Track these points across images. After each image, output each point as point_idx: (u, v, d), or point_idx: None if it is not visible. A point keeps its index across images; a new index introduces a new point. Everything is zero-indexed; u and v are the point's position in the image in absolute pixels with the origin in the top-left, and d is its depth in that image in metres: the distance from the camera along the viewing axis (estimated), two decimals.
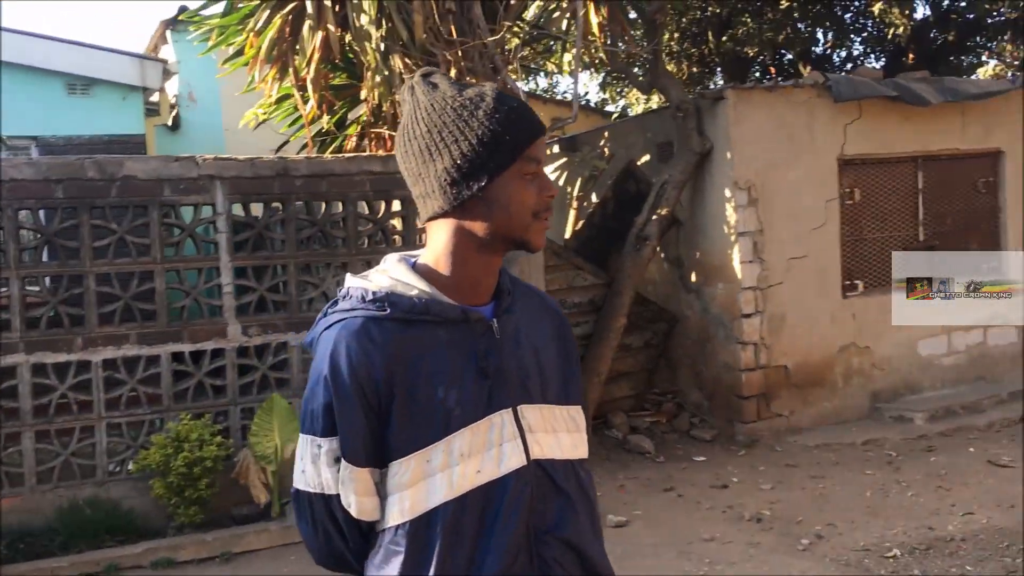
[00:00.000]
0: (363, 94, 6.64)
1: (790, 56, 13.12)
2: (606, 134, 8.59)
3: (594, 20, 7.14)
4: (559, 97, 13.13)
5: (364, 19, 6.39)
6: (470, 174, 1.47)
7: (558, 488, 1.56)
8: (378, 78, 6.46)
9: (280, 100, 7.57)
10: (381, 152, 6.51)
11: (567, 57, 10.26)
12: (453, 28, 6.50)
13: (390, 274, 1.55)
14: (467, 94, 1.50)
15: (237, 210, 5.56)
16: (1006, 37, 11.88)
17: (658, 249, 7.35)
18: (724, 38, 11.55)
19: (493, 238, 1.51)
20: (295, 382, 5.63)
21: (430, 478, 1.47)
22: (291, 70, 6.92)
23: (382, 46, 6.31)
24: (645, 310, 7.28)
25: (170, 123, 9.89)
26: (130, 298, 5.25)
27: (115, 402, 5.27)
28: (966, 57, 13.00)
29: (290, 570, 4.88)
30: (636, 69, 9.02)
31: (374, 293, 1.52)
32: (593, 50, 9.43)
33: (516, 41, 7.41)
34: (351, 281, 1.59)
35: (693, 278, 7.45)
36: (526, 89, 7.14)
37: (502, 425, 1.52)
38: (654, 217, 7.01)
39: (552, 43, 9.45)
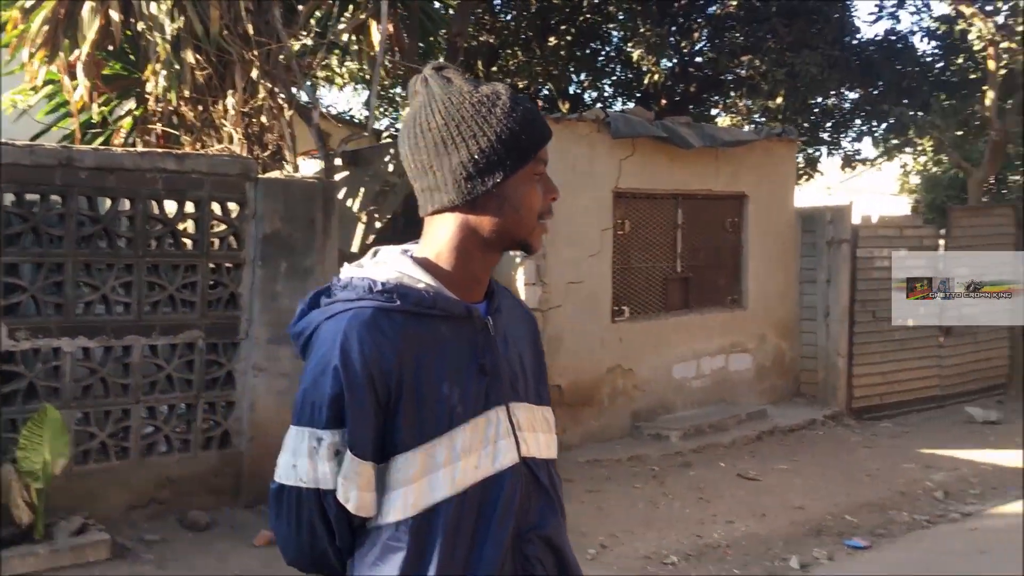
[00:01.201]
0: (148, 87, 6.23)
1: (545, 91, 13.81)
2: (392, 151, 8.59)
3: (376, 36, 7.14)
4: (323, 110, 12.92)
5: (155, 8, 6.03)
6: (487, 170, 1.48)
7: (541, 486, 1.59)
8: (166, 71, 6.11)
9: (44, 85, 6.93)
10: (176, 149, 6.14)
11: (339, 69, 10.19)
12: (250, 27, 6.29)
13: (395, 266, 1.51)
14: (483, 90, 1.51)
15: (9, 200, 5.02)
16: (740, 93, 13.18)
17: None
18: (494, 68, 11.94)
19: (499, 236, 1.52)
20: (67, 392, 5.15)
21: (433, 473, 1.46)
22: (61, 54, 6.38)
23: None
24: None
25: None
26: None
27: None
28: (703, 108, 14.30)
29: None
30: None
31: (383, 284, 1.48)
32: (365, 66, 9.43)
33: (309, 44, 7.29)
34: (351, 271, 1.54)
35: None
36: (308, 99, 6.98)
37: (497, 422, 1.53)
38: None
39: (328, 56, 9.35)
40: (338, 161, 8.34)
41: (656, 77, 11.36)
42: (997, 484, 7.10)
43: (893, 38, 12.17)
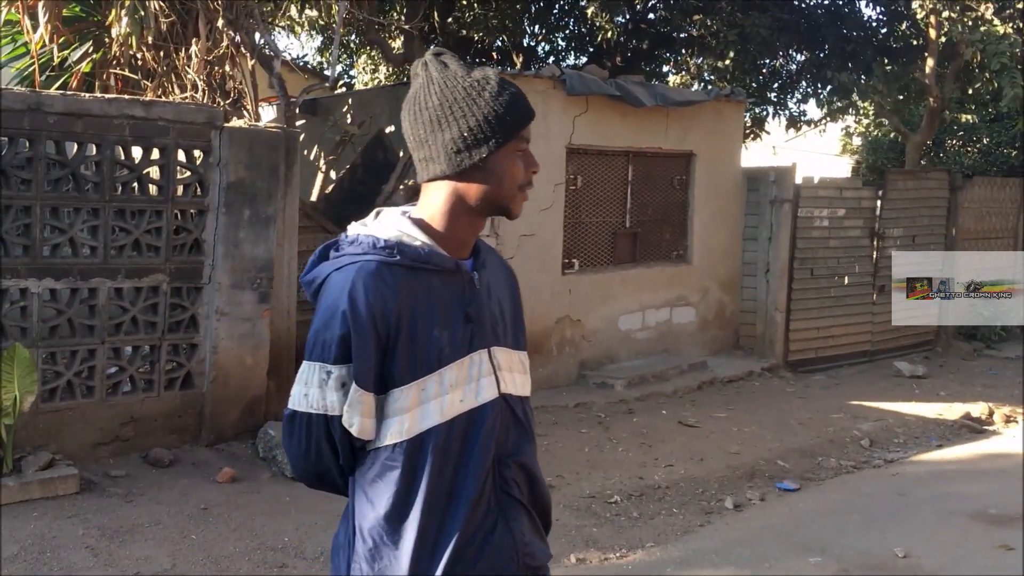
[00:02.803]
0: (114, 32, 6.26)
1: (499, 44, 13.88)
2: (350, 101, 8.70)
3: None
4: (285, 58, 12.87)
5: None
6: (474, 145, 1.71)
7: (517, 419, 1.84)
8: (130, 17, 6.15)
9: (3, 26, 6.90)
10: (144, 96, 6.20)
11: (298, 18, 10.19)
12: None
13: (396, 226, 1.74)
14: (474, 75, 1.73)
15: None
16: (691, 52, 13.40)
17: None
18: (449, 19, 11.99)
19: (484, 203, 1.76)
20: (34, 331, 5.28)
21: (424, 404, 1.70)
22: None
23: None
24: None
25: None
26: None
27: None
28: (655, 65, 14.50)
29: (35, 527, 4.63)
30: (392, 41, 9.19)
31: (385, 241, 1.71)
32: (324, 14, 9.47)
33: None
34: (357, 228, 1.76)
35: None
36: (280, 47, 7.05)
37: (480, 363, 1.78)
38: (401, 187, 7.28)
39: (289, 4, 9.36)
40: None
41: (610, 34, 11.52)
42: (919, 434, 7.59)
43: (840, 3, 12.47)
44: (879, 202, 10.43)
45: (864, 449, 7.10)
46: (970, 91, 12.89)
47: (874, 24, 12.56)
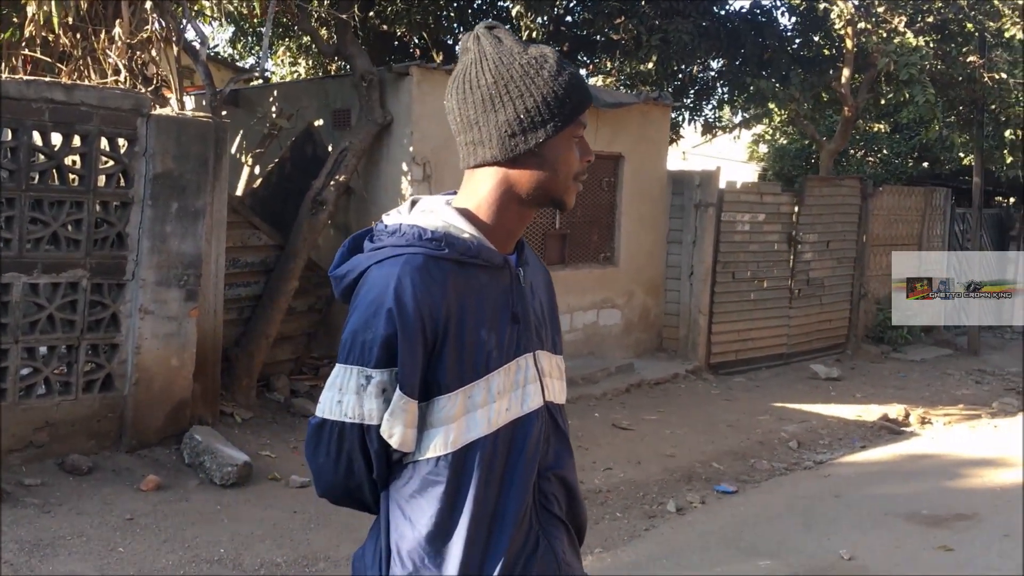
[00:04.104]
0: (30, 10, 5.86)
1: (417, 40, 13.67)
2: (275, 93, 8.39)
3: None
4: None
5: None
6: (531, 128, 1.57)
7: (559, 429, 1.71)
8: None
9: None
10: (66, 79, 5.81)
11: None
12: None
13: (442, 216, 1.58)
14: (532, 52, 1.59)
15: None
16: (611, 55, 13.44)
17: None
18: (371, 13, 11.72)
19: (536, 193, 1.62)
20: None
21: (471, 413, 1.55)
22: None
23: None
24: (312, 274, 7.27)
25: None
26: None
27: None
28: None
29: None
30: (324, 33, 8.90)
31: (432, 232, 1.55)
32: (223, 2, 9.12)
33: None
34: (398, 218, 1.60)
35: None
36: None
37: (526, 368, 1.63)
38: (332, 183, 7.04)
39: None
40: None
41: (534, 35, 11.45)
42: (843, 435, 7.74)
43: (758, 11, 12.70)
44: (797, 208, 10.64)
45: (793, 451, 7.19)
46: (882, 101, 13.29)
47: (790, 33, 12.83)
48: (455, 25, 13.90)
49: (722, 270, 9.91)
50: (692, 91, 14.23)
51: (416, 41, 13.59)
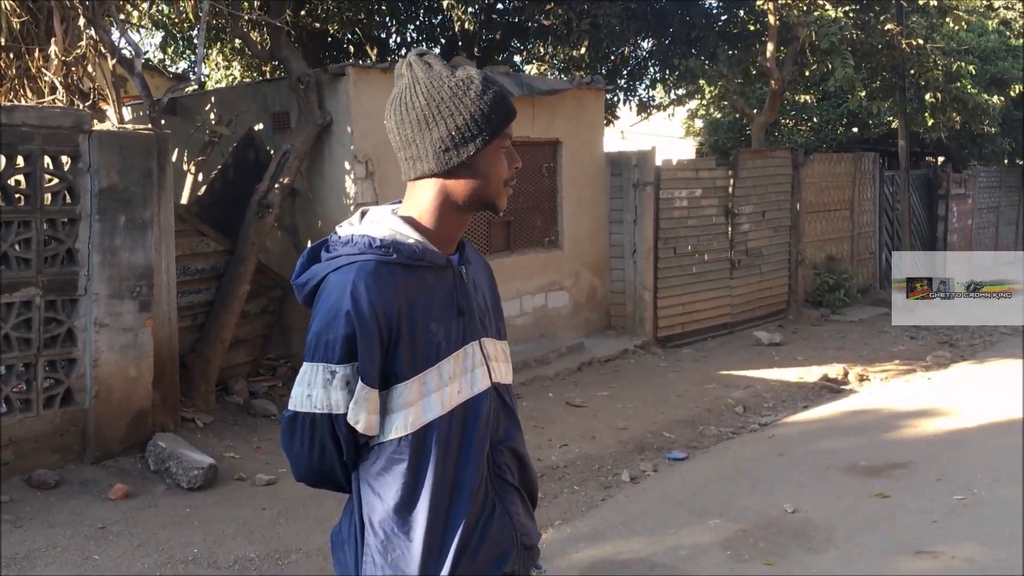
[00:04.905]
0: None
1: (350, 36, 13.72)
2: (213, 100, 8.45)
3: None
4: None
5: None
6: (461, 143, 1.77)
7: (507, 406, 1.92)
8: None
9: None
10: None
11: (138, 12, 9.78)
12: None
13: (389, 225, 1.78)
14: (459, 75, 1.79)
15: None
16: (543, 41, 13.65)
17: None
18: (303, 12, 11.77)
19: (471, 200, 1.82)
20: None
21: (426, 397, 1.76)
22: None
23: None
24: (263, 277, 7.39)
25: None
26: None
27: None
28: (507, 55, 14.69)
29: None
30: (256, 36, 8.96)
31: (381, 240, 1.74)
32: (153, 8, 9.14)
33: None
34: (350, 229, 1.79)
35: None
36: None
37: (473, 354, 1.84)
38: (276, 186, 7.15)
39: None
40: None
41: (467, 25, 11.61)
42: (786, 397, 8.08)
43: None
44: (732, 181, 10.97)
45: (739, 415, 7.50)
46: (807, 73, 13.68)
47: (715, 11, 13.14)
48: (387, 20, 13.99)
49: (664, 246, 10.20)
50: (625, 72, 14.50)
51: (349, 38, 13.67)
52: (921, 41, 11.86)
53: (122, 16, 7.15)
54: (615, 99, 14.57)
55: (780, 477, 5.79)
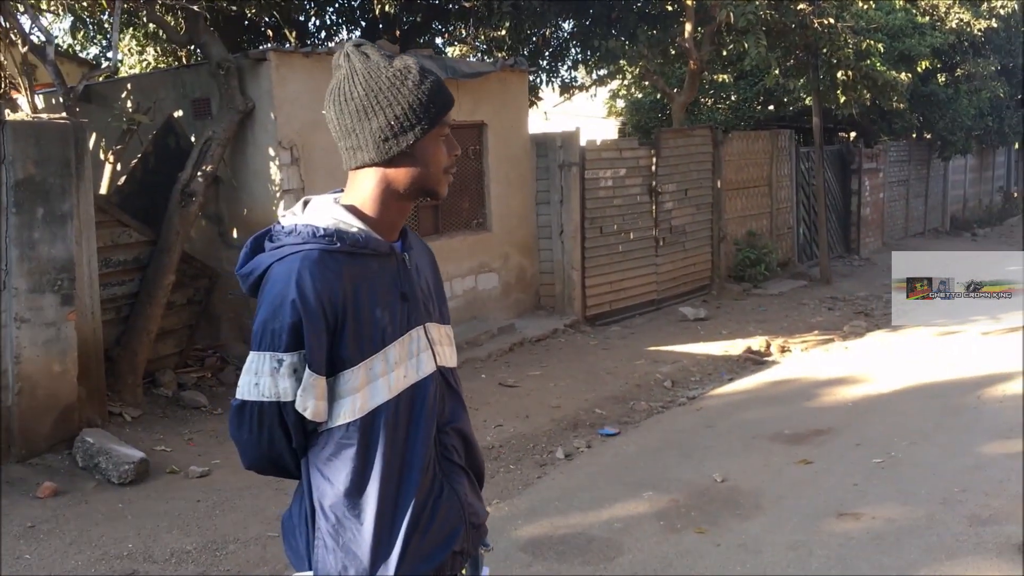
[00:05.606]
0: None
1: (268, 20, 13.48)
2: (129, 86, 8.25)
3: None
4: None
5: None
6: (401, 133, 1.80)
7: (452, 389, 1.96)
8: None
9: None
10: None
11: None
12: None
13: (331, 214, 1.80)
14: (396, 65, 1.81)
15: None
16: (465, 24, 13.60)
17: None
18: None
19: (412, 187, 1.85)
20: None
21: (373, 382, 1.79)
22: None
23: None
24: (188, 267, 7.28)
25: None
26: None
27: None
28: (428, 38, 14.60)
29: None
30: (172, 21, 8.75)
31: (324, 230, 1.77)
32: None
33: None
34: (293, 219, 1.81)
35: (235, 234, 7.62)
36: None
37: (418, 339, 1.88)
38: (199, 174, 7.04)
39: None
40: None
41: (388, 7, 11.50)
42: (712, 370, 8.29)
43: None
44: (655, 160, 11.14)
45: (668, 390, 7.67)
46: (724, 52, 13.93)
47: None
48: (306, 3, 13.78)
49: (590, 226, 10.33)
50: (547, 53, 14.54)
51: (267, 21, 13.43)
52: (832, 20, 12.16)
53: (31, 1, 6.91)
54: (538, 80, 14.61)
55: (709, 448, 5.96)
